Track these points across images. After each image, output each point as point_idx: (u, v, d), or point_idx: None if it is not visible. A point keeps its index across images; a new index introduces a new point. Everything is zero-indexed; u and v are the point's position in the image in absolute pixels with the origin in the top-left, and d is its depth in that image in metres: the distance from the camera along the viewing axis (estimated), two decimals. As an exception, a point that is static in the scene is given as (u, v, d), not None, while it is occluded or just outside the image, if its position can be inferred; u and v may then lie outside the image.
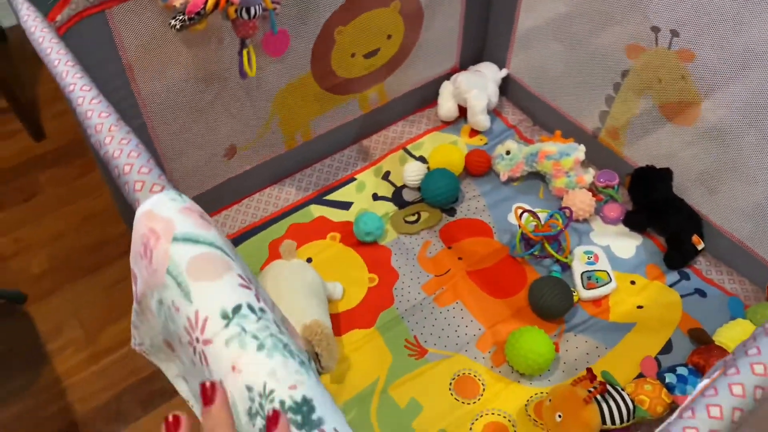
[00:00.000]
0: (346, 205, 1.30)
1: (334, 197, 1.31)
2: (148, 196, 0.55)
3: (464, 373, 1.05)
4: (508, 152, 1.30)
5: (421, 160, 1.36)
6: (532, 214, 1.18)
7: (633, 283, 1.15)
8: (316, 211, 1.29)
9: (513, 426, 0.99)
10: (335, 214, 1.28)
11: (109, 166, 0.59)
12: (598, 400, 0.93)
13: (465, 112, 1.41)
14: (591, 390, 0.93)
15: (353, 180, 1.34)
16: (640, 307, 1.12)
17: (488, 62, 1.46)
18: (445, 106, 1.42)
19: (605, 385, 0.94)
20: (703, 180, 1.14)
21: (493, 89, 1.41)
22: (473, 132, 1.42)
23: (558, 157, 1.24)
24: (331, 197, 1.31)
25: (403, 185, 1.32)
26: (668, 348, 1.06)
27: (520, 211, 1.17)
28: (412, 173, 1.29)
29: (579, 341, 1.08)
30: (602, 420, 0.93)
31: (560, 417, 0.93)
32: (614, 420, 0.93)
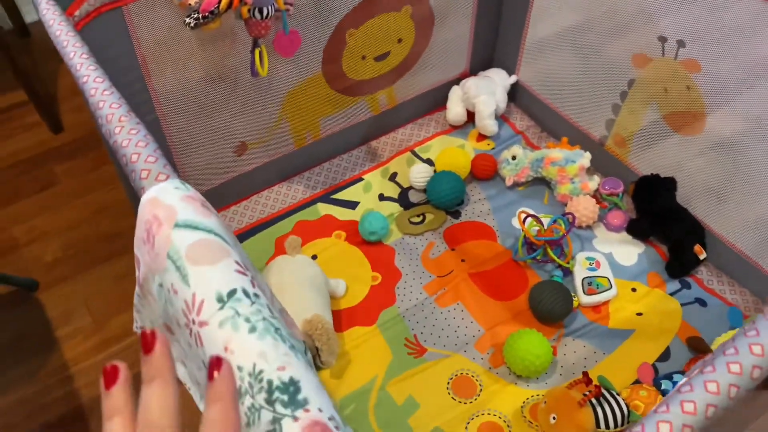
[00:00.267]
0: (352, 204, 1.32)
1: (341, 196, 1.33)
2: (153, 184, 0.57)
3: (462, 373, 1.06)
4: (514, 157, 1.31)
5: (429, 163, 1.37)
6: (536, 218, 1.19)
7: (634, 290, 1.16)
8: (323, 209, 1.31)
9: (508, 427, 1.00)
10: (342, 213, 1.30)
11: (117, 155, 0.61)
12: (593, 404, 0.94)
13: (473, 116, 1.42)
14: (586, 393, 0.94)
15: (361, 180, 1.36)
16: (640, 314, 1.13)
17: (498, 68, 1.47)
18: (453, 110, 1.44)
19: (600, 389, 0.95)
20: (709, 191, 1.15)
21: (501, 95, 1.42)
22: (481, 137, 1.43)
23: (563, 164, 1.25)
24: (338, 196, 1.33)
25: (409, 187, 1.34)
26: (666, 355, 1.07)
27: (524, 215, 1.19)
28: (419, 175, 1.30)
29: (577, 346, 1.09)
30: (596, 423, 0.93)
31: (555, 419, 0.94)
32: (608, 424, 0.94)
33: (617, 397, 0.96)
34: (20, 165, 1.68)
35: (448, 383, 1.05)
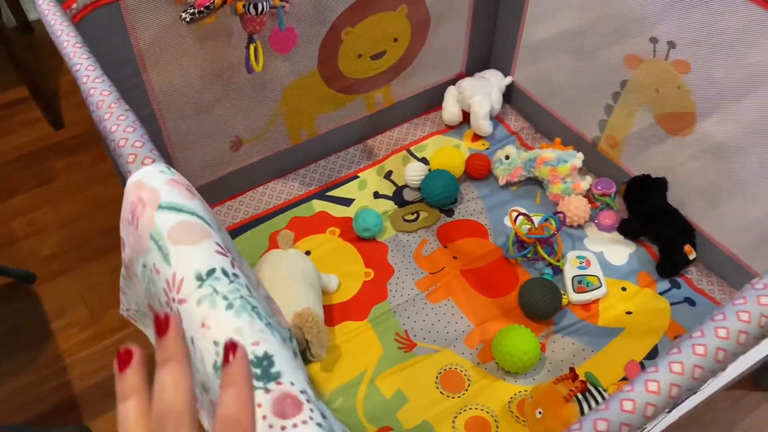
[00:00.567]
0: (347, 201, 1.33)
1: (336, 193, 1.35)
2: (139, 167, 0.58)
3: (451, 368, 1.07)
4: (507, 157, 1.32)
5: (424, 162, 1.38)
6: (527, 217, 1.20)
7: (624, 289, 1.17)
8: (318, 206, 1.32)
9: (495, 421, 1.01)
10: (336, 210, 1.31)
11: (107, 141, 0.63)
12: (579, 399, 0.95)
13: (469, 116, 1.43)
14: (572, 389, 0.95)
15: (356, 178, 1.38)
16: (629, 312, 1.13)
17: (493, 69, 1.48)
18: (449, 110, 1.45)
19: (585, 384, 0.96)
20: (700, 192, 1.16)
21: (496, 96, 1.44)
22: (476, 137, 1.45)
23: (555, 164, 1.27)
24: (333, 193, 1.35)
25: (404, 185, 1.35)
26: (654, 354, 1.08)
27: (515, 213, 1.20)
28: (413, 173, 1.32)
29: (566, 343, 1.10)
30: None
31: (540, 413, 0.95)
32: (593, 419, 0.94)
33: (604, 393, 0.97)
34: (21, 160, 1.70)
35: (437, 378, 1.06)
